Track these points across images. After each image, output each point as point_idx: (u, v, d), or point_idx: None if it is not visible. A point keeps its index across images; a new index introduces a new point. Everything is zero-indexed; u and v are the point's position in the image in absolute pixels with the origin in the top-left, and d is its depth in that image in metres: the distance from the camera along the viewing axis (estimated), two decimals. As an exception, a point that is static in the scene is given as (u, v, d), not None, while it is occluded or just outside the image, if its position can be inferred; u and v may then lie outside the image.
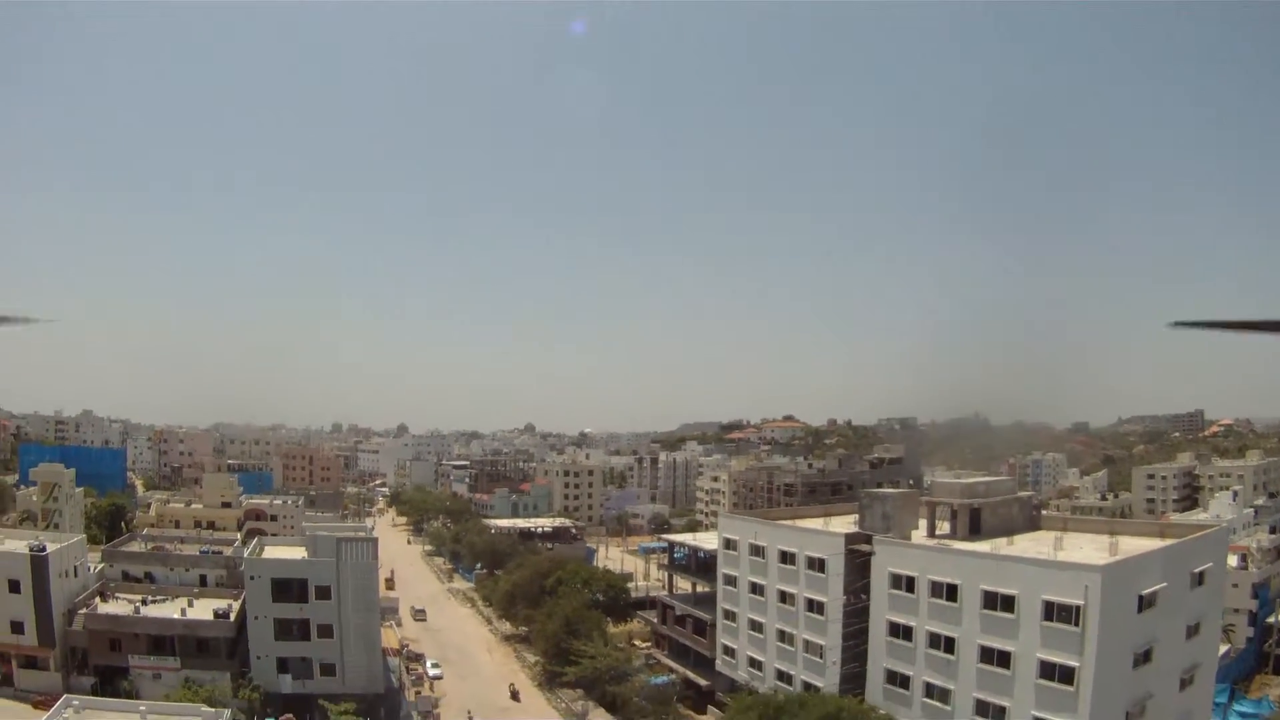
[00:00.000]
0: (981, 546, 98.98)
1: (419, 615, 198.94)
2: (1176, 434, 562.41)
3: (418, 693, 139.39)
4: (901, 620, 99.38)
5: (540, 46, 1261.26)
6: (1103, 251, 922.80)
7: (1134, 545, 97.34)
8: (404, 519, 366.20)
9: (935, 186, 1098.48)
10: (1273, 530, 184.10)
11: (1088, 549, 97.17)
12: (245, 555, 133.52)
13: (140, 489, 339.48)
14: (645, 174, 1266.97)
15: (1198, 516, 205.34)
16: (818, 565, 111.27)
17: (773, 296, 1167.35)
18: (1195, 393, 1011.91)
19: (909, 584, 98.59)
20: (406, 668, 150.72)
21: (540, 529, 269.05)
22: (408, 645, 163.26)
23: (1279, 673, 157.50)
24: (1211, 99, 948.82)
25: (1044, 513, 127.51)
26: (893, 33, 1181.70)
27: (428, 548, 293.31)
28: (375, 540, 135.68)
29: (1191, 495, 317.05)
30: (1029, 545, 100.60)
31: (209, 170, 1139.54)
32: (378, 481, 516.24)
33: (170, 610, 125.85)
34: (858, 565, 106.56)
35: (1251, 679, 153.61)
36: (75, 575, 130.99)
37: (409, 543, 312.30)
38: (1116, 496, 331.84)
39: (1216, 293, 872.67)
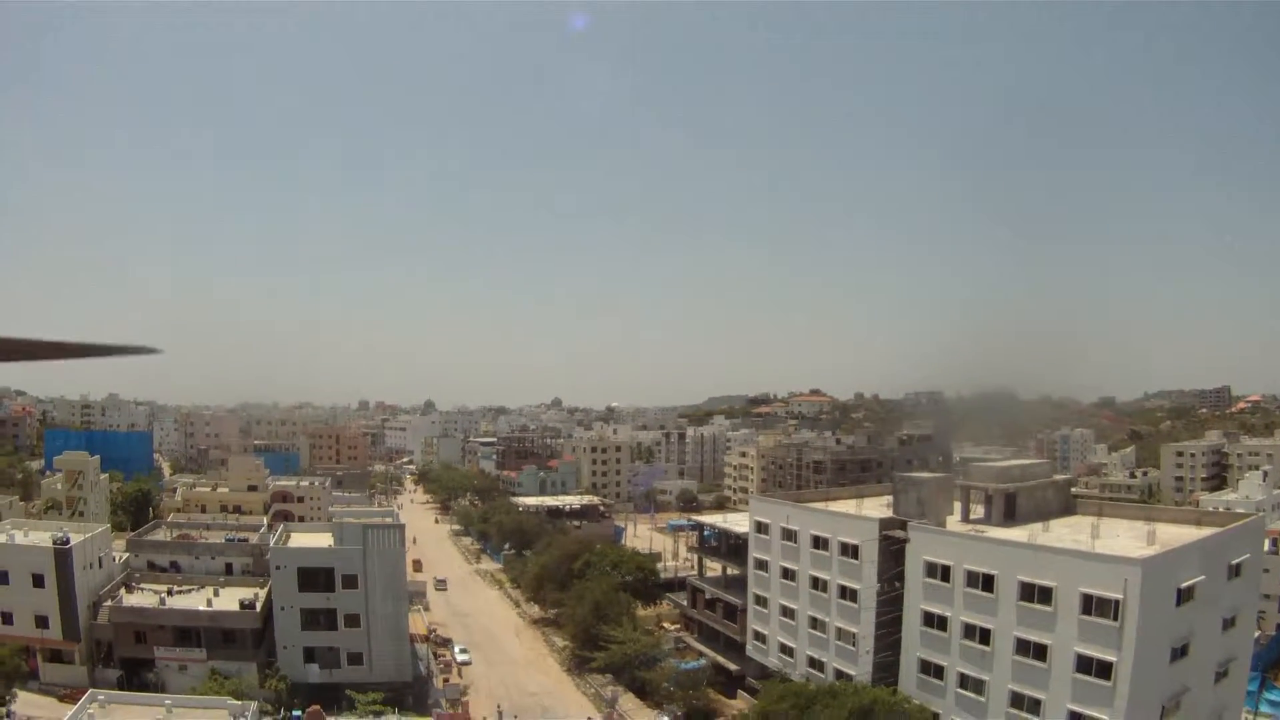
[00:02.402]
0: (1017, 533, 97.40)
1: (440, 585, 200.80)
2: (1203, 410, 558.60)
3: (446, 680, 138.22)
4: (936, 610, 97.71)
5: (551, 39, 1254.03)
6: (1129, 225, 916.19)
7: (1171, 534, 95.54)
8: (431, 497, 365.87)
9: (959, 162, 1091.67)
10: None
11: (1124, 537, 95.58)
12: (271, 543, 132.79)
13: (167, 472, 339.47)
14: (671, 152, 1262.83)
15: (1227, 496, 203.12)
16: (851, 551, 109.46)
17: (798, 269, 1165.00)
18: (1222, 367, 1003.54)
19: (944, 573, 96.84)
20: (434, 654, 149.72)
21: (568, 507, 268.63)
22: (436, 630, 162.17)
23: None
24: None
25: (1078, 497, 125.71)
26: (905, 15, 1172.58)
27: (455, 527, 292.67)
28: (402, 527, 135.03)
29: (1220, 474, 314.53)
30: (1065, 532, 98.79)
31: (232, 148, 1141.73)
32: (405, 459, 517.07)
33: (196, 601, 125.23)
34: (892, 552, 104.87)
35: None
36: (100, 566, 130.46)
37: (436, 522, 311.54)
38: (1145, 474, 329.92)
39: (1238, 265, 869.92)
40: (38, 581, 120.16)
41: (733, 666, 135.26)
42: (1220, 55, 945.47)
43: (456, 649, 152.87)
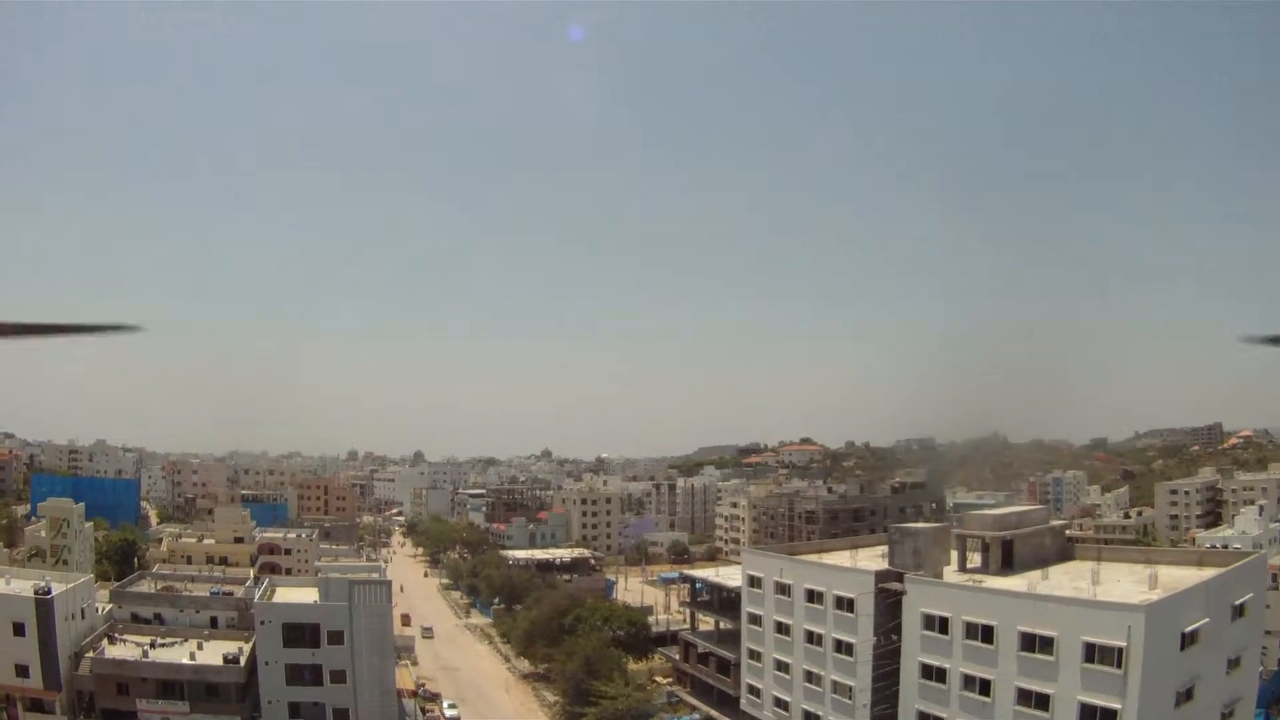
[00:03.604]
0: (1016, 582, 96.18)
1: (427, 633, 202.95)
2: (1195, 447, 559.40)
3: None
4: (935, 662, 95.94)
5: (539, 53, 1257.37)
6: (1113, 260, 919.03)
7: (1173, 576, 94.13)
8: (420, 550, 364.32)
9: (942, 200, 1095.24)
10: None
11: (1125, 582, 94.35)
12: (256, 597, 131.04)
13: (154, 520, 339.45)
14: (658, 195, 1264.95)
15: (1223, 533, 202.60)
16: (846, 605, 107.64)
17: (787, 318, 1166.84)
18: (1213, 403, 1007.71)
19: (942, 625, 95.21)
20: (422, 709, 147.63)
21: (559, 560, 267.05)
22: (424, 685, 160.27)
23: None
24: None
25: (1074, 541, 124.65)
26: (902, 30, 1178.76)
27: (444, 580, 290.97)
28: (389, 583, 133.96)
29: (1214, 510, 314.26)
30: (1064, 579, 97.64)
31: (223, 192, 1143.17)
32: (394, 510, 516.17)
33: (180, 654, 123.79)
34: (888, 605, 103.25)
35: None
36: (83, 617, 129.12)
37: (425, 575, 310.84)
38: (1140, 514, 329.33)
39: (1233, 297, 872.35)
40: (19, 630, 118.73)
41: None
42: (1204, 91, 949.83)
43: (445, 704, 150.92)
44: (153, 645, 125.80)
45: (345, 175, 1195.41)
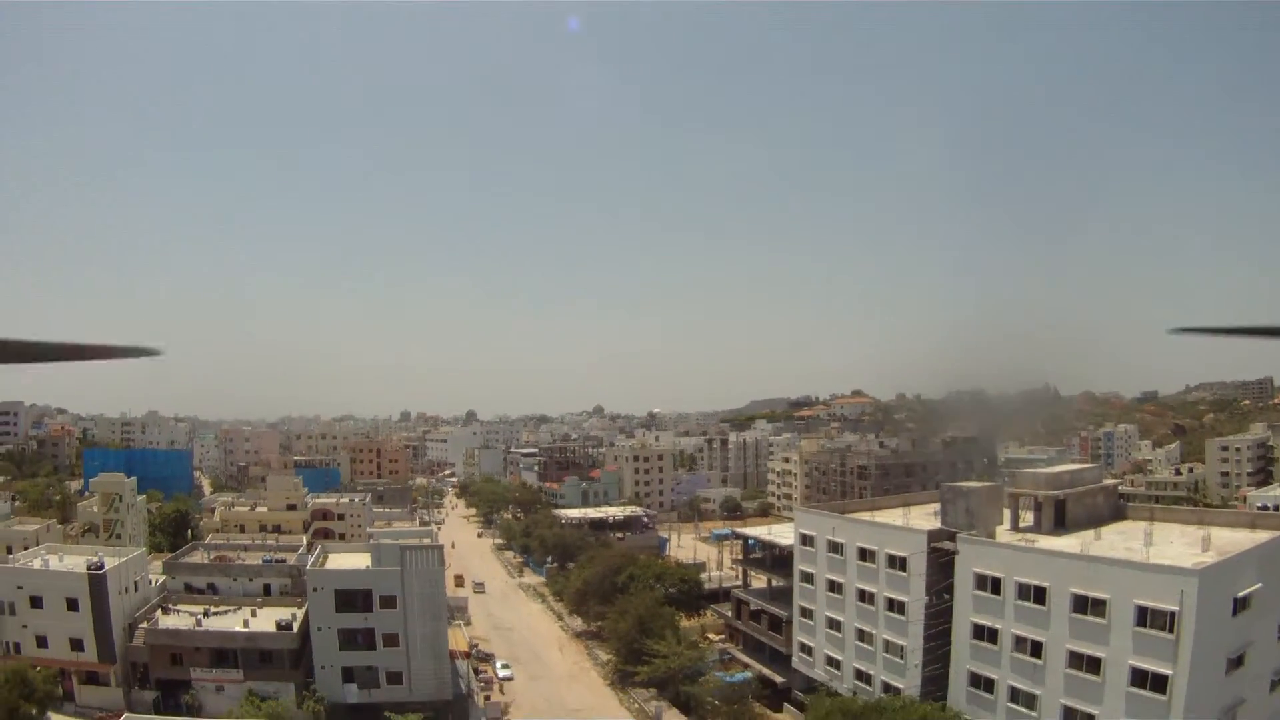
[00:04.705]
0: (1069, 542, 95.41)
1: (479, 588, 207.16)
2: (1246, 401, 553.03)
3: (487, 697, 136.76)
4: (986, 622, 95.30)
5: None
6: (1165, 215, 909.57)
7: (1225, 539, 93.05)
8: (473, 511, 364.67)
9: (997, 152, 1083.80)
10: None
11: (1178, 544, 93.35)
12: (309, 564, 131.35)
13: (207, 489, 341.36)
14: (706, 155, 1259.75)
15: (1275, 491, 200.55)
16: (898, 564, 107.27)
17: (836, 269, 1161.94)
18: (1263, 357, 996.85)
19: (994, 585, 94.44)
20: (476, 670, 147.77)
21: (611, 518, 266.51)
22: (477, 645, 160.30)
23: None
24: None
25: (1127, 499, 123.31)
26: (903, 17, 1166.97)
27: (498, 541, 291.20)
28: (441, 547, 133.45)
29: (1266, 468, 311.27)
30: (1117, 539, 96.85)
31: (264, 160, 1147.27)
32: (446, 471, 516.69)
33: (233, 622, 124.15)
34: (940, 564, 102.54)
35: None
36: (135, 590, 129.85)
37: (479, 536, 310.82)
38: (1191, 470, 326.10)
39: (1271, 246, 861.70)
40: (72, 605, 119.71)
41: (778, 679, 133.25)
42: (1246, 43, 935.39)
43: (498, 664, 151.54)
44: (206, 614, 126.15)
45: (389, 146, 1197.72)
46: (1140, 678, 79.05)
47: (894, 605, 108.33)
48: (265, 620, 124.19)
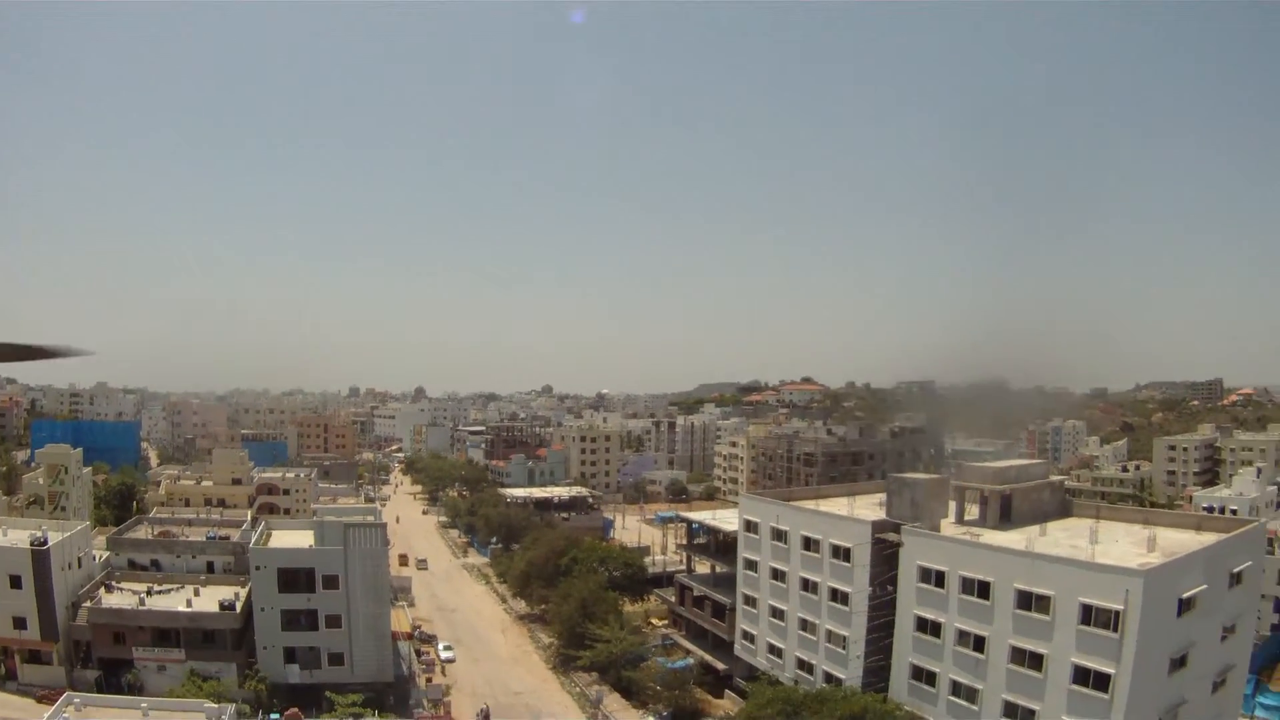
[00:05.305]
0: (1014, 537, 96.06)
1: (421, 565, 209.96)
2: (1195, 402, 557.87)
3: (429, 679, 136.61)
4: (930, 615, 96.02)
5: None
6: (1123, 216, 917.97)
7: (1171, 540, 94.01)
8: (420, 487, 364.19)
9: (954, 152, 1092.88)
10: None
11: (1124, 543, 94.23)
12: (253, 541, 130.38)
13: (154, 461, 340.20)
14: (660, 137, 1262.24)
15: (1221, 492, 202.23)
16: (843, 554, 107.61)
17: (791, 256, 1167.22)
18: (1215, 359, 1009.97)
19: (939, 579, 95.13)
20: (418, 651, 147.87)
21: (557, 498, 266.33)
22: (420, 627, 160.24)
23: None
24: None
25: (1073, 495, 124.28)
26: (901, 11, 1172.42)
27: (443, 519, 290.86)
28: (384, 525, 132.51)
29: (1212, 468, 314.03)
30: (1062, 536, 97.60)
31: (226, 134, 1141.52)
32: (394, 447, 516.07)
33: (176, 601, 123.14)
34: (885, 555, 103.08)
35: (1275, 667, 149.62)
36: (79, 566, 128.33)
37: (424, 513, 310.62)
38: (1138, 468, 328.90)
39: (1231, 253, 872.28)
40: (15, 582, 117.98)
41: (721, 666, 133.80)
42: (1216, 48, 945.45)
43: (441, 646, 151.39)
44: (149, 593, 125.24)
45: (348, 127, 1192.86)
46: (1083, 675, 79.74)
47: (837, 595, 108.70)
48: (208, 599, 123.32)
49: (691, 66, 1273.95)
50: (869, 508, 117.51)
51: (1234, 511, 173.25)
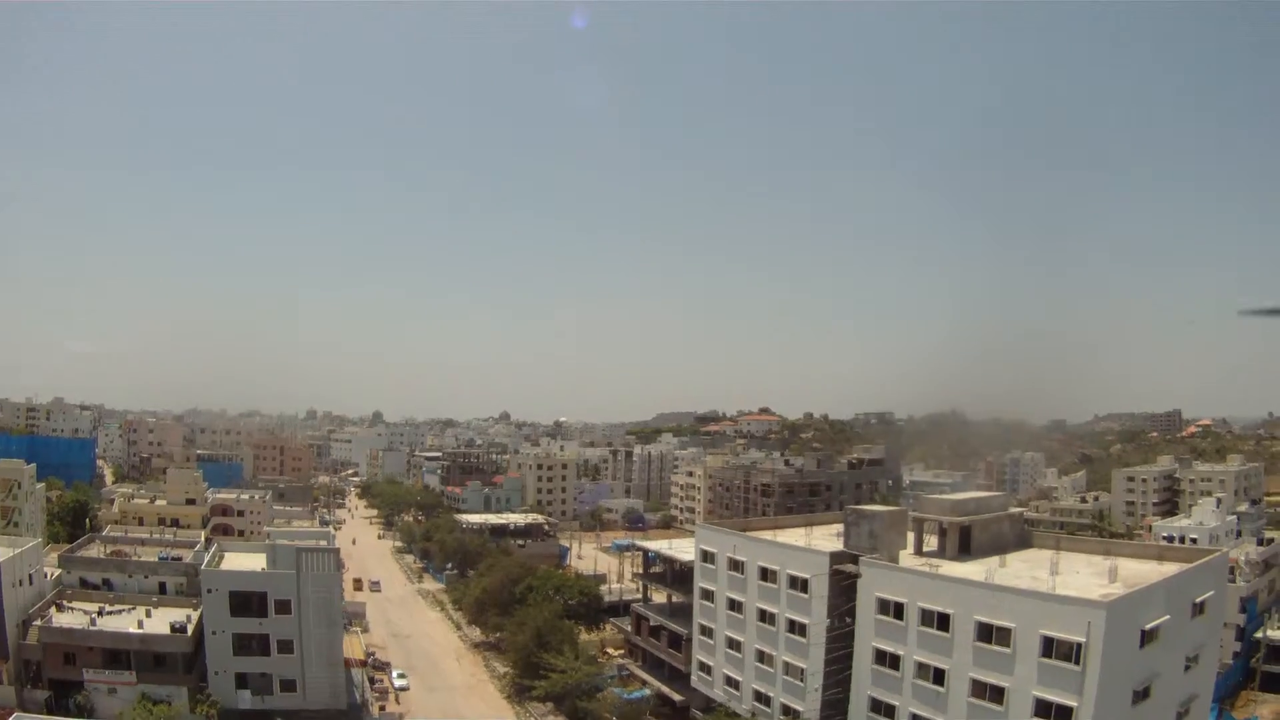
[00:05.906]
0: (974, 568, 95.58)
1: (374, 587, 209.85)
2: (1154, 433, 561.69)
3: (381, 707, 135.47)
4: (888, 648, 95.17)
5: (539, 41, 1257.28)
6: (1082, 247, 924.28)
7: (1132, 570, 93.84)
8: (375, 512, 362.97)
9: (917, 184, 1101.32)
10: (1260, 542, 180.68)
11: (1084, 574, 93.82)
12: (205, 563, 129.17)
13: (110, 479, 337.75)
14: (625, 166, 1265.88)
15: (1180, 523, 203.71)
16: (800, 585, 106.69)
17: (752, 288, 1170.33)
18: (1173, 391, 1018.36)
19: (897, 610, 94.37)
20: (371, 679, 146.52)
21: (513, 525, 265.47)
22: (374, 654, 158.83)
23: (1266, 689, 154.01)
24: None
25: (1032, 525, 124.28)
26: (899, 22, 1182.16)
27: (398, 544, 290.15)
28: (337, 551, 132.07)
29: (1171, 499, 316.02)
30: (1022, 568, 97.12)
31: (189, 154, 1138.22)
32: (350, 471, 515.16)
33: (127, 622, 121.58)
34: (843, 587, 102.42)
35: (1237, 696, 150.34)
36: (30, 583, 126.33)
37: (380, 537, 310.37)
38: (1096, 499, 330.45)
39: (1201, 282, 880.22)
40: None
41: (677, 697, 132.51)
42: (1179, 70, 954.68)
43: (394, 674, 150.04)
44: (100, 613, 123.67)
45: (307, 149, 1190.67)
46: (1044, 709, 78.97)
47: (795, 627, 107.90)
48: (160, 621, 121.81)
49: (666, 84, 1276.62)
50: (827, 539, 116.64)
51: (1194, 541, 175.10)
